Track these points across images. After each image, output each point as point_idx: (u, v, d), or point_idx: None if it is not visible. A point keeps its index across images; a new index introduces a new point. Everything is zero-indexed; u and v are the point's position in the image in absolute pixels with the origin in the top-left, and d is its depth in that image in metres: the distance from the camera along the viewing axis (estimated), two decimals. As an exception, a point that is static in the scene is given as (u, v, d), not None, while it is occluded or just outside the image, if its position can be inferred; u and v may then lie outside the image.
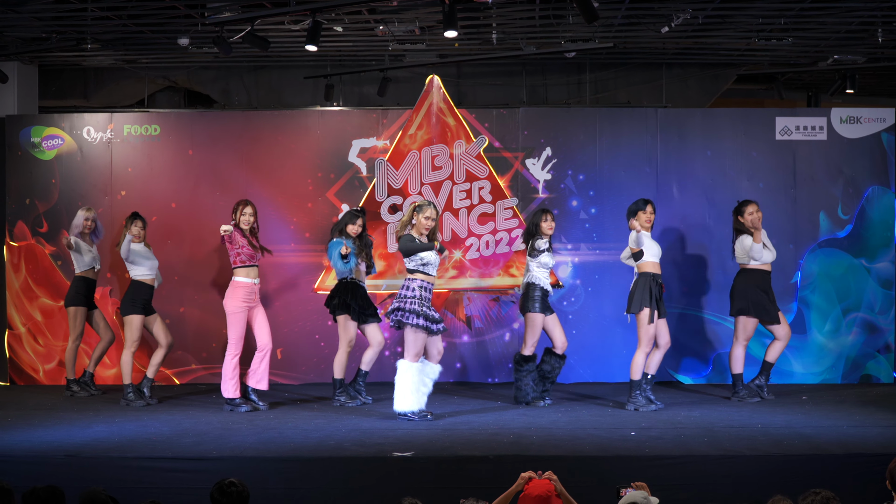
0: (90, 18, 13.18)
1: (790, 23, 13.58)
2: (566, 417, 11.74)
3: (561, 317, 13.11)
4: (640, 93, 16.69)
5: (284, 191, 14.55)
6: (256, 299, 12.53)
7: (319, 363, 14.42)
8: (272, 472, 9.33)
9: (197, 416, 11.96)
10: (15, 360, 14.71)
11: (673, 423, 11.22)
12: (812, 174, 14.49)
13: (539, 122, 14.62)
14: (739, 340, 12.86)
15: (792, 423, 11.18)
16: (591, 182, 14.49)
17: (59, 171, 14.70)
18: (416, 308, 11.40)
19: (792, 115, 14.70)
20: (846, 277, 14.45)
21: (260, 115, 15.05)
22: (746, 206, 12.79)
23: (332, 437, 10.52)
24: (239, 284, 12.40)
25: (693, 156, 14.55)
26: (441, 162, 14.32)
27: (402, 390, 11.55)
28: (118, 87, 16.97)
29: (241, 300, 12.37)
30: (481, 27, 14.09)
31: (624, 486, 6.97)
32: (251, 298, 12.44)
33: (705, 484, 9.13)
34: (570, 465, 9.23)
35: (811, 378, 14.22)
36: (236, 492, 6.60)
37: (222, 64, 16.37)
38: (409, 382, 11.53)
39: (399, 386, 11.57)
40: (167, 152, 14.77)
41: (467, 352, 14.45)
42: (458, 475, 9.31)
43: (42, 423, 11.55)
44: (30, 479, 8.55)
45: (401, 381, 11.56)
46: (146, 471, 9.42)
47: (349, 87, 16.80)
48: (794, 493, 6.48)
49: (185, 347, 14.53)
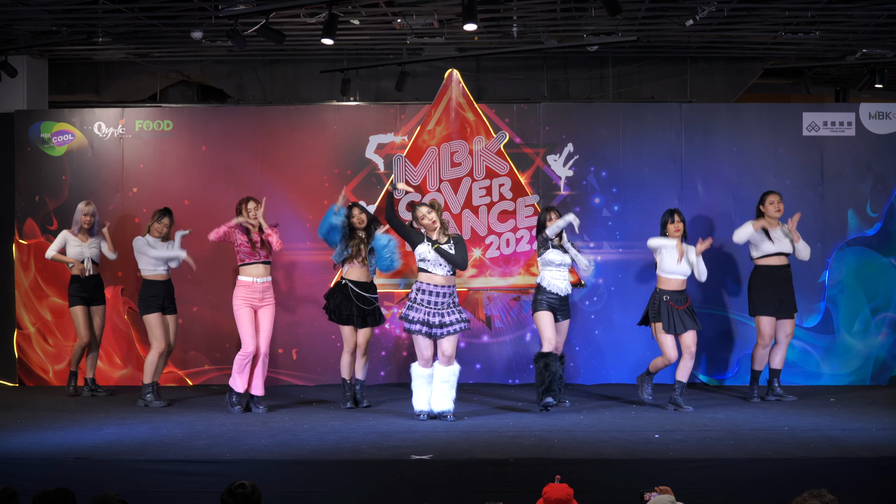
0: (101, 11, 13.10)
1: (817, 16, 13.47)
2: (589, 419, 11.62)
3: (583, 317, 13.12)
4: (665, 87, 16.62)
5: (300, 188, 14.43)
6: (263, 298, 12.37)
7: (336, 364, 14.15)
8: (287, 476, 9.21)
9: (210, 418, 11.86)
10: (24, 361, 14.64)
11: (697, 426, 11.11)
12: (840, 171, 14.35)
13: (561, 118, 14.49)
14: (758, 340, 12.84)
15: (819, 425, 11.04)
16: (613, 179, 14.36)
17: (69, 167, 14.63)
18: (406, 313, 11.56)
19: (819, 110, 14.57)
20: (875, 276, 14.30)
21: (275, 111, 14.97)
22: (768, 195, 12.82)
23: (349, 440, 10.40)
24: (239, 283, 12.37)
25: (719, 152, 14.42)
26: (460, 158, 14.16)
27: (415, 392, 11.78)
28: (130, 81, 16.91)
29: (242, 298, 12.29)
30: (501, 20, 14.00)
31: (648, 490, 6.81)
32: (254, 297, 12.29)
33: (731, 487, 9.03)
34: (592, 469, 9.18)
35: (839, 380, 14.08)
36: (244, 494, 6.46)
37: (236, 58, 16.31)
38: (417, 385, 11.74)
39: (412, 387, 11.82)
40: (180, 148, 14.70)
41: (487, 352, 14.34)
42: (477, 479, 9.17)
43: (52, 424, 11.45)
44: (39, 482, 8.42)
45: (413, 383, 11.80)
46: (158, 474, 9.30)
47: (366, 81, 16.72)
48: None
49: (198, 348, 14.43)
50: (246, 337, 12.27)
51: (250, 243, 12.23)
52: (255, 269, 12.30)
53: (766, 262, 12.73)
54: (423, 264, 11.46)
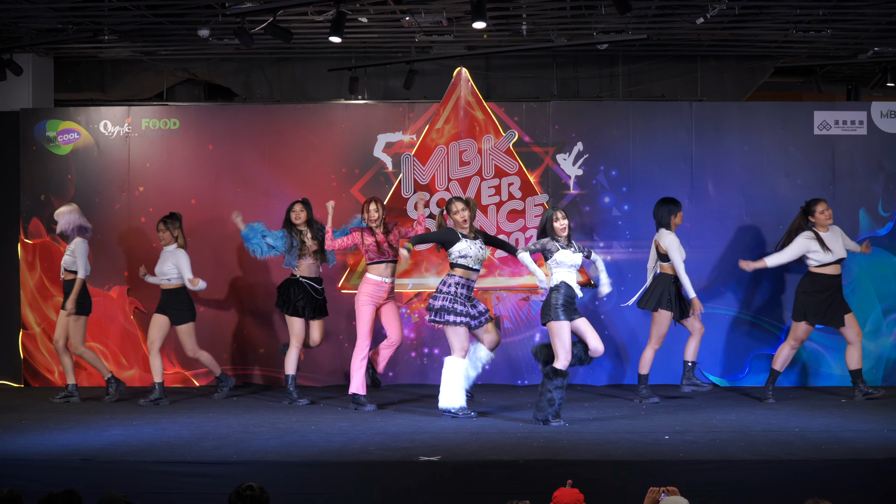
0: (107, 9, 13.12)
1: (829, 14, 13.44)
2: (598, 420, 11.60)
3: (592, 316, 13.05)
4: (675, 86, 16.63)
5: (307, 187, 14.32)
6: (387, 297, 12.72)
7: (343, 364, 14.17)
8: (295, 477, 9.20)
9: (217, 419, 11.83)
10: (29, 362, 14.64)
11: (708, 427, 11.10)
12: (852, 170, 14.31)
13: (570, 116, 14.48)
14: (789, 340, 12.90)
15: (831, 426, 11.01)
16: (623, 178, 14.33)
17: (74, 166, 14.62)
18: (448, 305, 11.53)
19: (831, 108, 14.54)
20: (886, 277, 14.24)
21: (282, 109, 14.99)
22: (817, 203, 12.79)
23: (357, 441, 10.38)
24: (367, 280, 12.67)
25: (729, 151, 14.39)
26: (469, 157, 14.18)
27: (448, 387, 11.70)
28: (136, 79, 16.90)
29: (367, 295, 12.58)
30: (511, 18, 14.00)
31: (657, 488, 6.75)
32: (380, 295, 12.61)
33: (742, 489, 9.00)
34: (601, 470, 9.17)
35: (851, 380, 13.86)
36: (252, 496, 6.42)
37: (243, 56, 16.33)
38: (454, 379, 11.67)
39: (445, 382, 11.72)
40: (187, 147, 14.68)
41: (496, 353, 14.14)
42: (486, 480, 9.14)
43: (57, 425, 11.45)
44: (45, 483, 8.57)
45: (447, 377, 11.72)
46: (165, 475, 9.27)
47: (374, 79, 16.72)
48: (832, 499, 6.32)
49: (205, 348, 14.26)
50: (363, 334, 12.48)
51: (377, 244, 12.46)
52: (384, 269, 12.55)
53: (822, 271, 12.72)
54: (465, 261, 11.61)
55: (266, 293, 14.28)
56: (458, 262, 11.64)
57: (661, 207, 12.85)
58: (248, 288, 14.50)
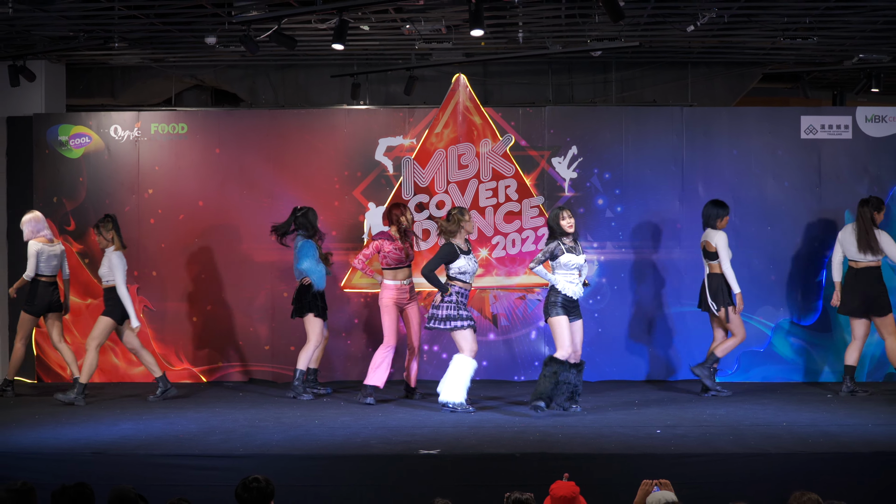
0: (117, 17, 13.15)
1: (815, 22, 13.48)
2: (592, 415, 11.72)
3: (587, 315, 13.08)
4: (666, 91, 16.66)
5: (311, 189, 14.50)
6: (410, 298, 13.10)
7: (346, 361, 14.45)
8: (299, 470, 9.38)
9: (224, 414, 11.97)
10: (42, 358, 14.74)
11: (698, 422, 11.24)
12: (837, 173, 14.42)
13: (565, 121, 14.60)
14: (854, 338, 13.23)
15: (817, 421, 11.17)
16: (616, 181, 14.47)
17: (86, 169, 14.74)
18: (453, 313, 12.04)
19: (817, 113, 14.64)
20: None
21: (287, 114, 15.06)
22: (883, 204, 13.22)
23: (359, 435, 10.55)
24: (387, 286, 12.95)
25: (719, 154, 14.51)
26: (467, 160, 14.32)
27: (455, 382, 11.98)
28: (145, 85, 16.99)
29: (391, 298, 12.87)
30: (507, 26, 14.07)
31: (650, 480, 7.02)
32: (403, 297, 12.96)
33: (731, 482, 9.17)
34: (595, 463, 9.31)
35: (836, 377, 14.07)
36: (258, 488, 6.66)
37: (249, 63, 16.37)
38: (463, 376, 11.99)
39: (453, 377, 12.00)
40: (194, 151, 14.80)
41: (493, 350, 14.43)
42: (483, 473, 9.34)
43: (69, 420, 11.61)
44: (57, 476, 8.71)
45: (454, 373, 12.02)
46: (173, 468, 9.48)
47: (376, 85, 16.79)
48: (819, 492, 6.52)
49: (212, 345, 14.57)
50: (389, 333, 12.74)
51: (402, 251, 12.81)
52: (403, 273, 12.86)
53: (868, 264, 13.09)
54: (463, 276, 12.10)
55: (271, 292, 14.49)
56: (457, 276, 12.08)
57: (710, 209, 13.00)
58: (254, 287, 14.63)
